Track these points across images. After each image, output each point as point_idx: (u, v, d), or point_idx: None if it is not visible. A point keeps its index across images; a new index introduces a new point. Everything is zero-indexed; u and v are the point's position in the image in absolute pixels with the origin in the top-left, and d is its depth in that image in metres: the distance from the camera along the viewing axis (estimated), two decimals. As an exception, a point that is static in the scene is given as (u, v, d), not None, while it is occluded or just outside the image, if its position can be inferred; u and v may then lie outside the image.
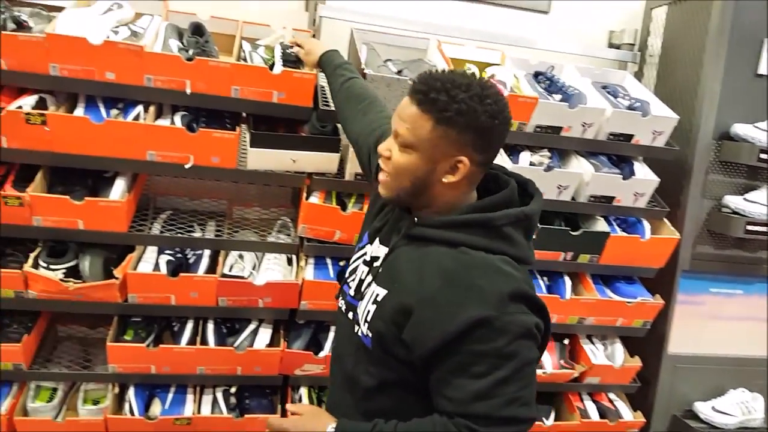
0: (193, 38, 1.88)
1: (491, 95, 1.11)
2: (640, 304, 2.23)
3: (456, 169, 1.13)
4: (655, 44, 2.44)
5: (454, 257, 1.13)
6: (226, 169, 1.89)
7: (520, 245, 1.18)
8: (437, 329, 1.08)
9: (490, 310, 1.06)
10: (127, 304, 1.93)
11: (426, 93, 1.11)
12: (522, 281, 1.13)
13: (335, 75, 1.70)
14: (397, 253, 1.23)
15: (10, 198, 1.77)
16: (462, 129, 1.09)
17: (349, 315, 1.30)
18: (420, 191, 1.17)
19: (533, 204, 1.22)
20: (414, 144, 1.13)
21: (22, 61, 1.69)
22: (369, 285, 1.26)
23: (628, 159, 2.23)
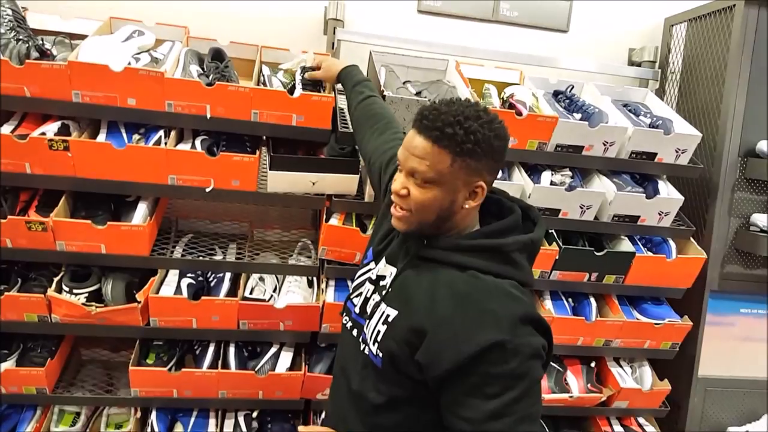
0: (213, 63, 1.86)
1: (495, 119, 1.16)
2: (668, 325, 2.13)
3: (475, 194, 1.17)
4: (676, 61, 2.37)
5: (466, 281, 1.15)
6: (246, 192, 1.85)
7: (525, 270, 1.22)
8: (452, 351, 1.09)
9: (504, 334, 1.07)
10: (149, 327, 1.89)
11: (441, 129, 1.12)
12: (529, 305, 1.16)
13: (354, 92, 1.70)
14: (407, 273, 1.23)
15: (33, 223, 1.75)
16: (480, 156, 1.13)
17: (354, 332, 1.31)
18: (443, 221, 1.19)
19: (538, 230, 1.25)
20: (435, 179, 1.14)
21: (46, 89, 1.68)
22: (377, 305, 1.25)
23: (651, 177, 2.14)
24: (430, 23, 2.29)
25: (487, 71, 2.20)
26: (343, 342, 1.40)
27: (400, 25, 2.24)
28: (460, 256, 1.17)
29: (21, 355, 1.90)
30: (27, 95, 1.68)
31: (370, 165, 1.54)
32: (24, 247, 1.78)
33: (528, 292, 1.20)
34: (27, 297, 1.80)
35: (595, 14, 2.39)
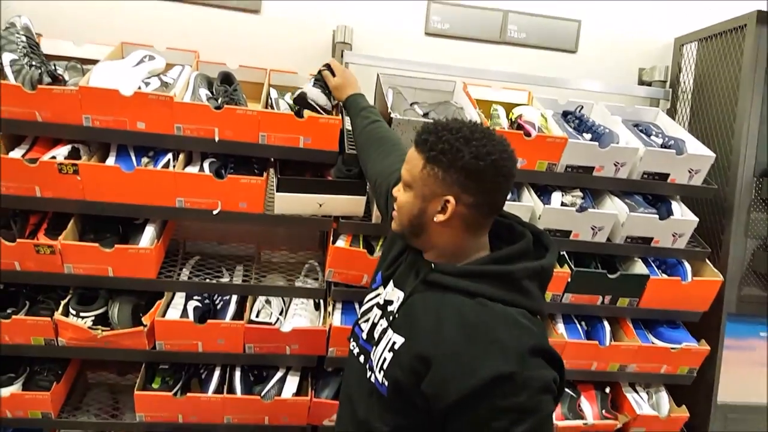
0: (222, 87, 1.85)
1: (479, 138, 1.11)
2: (684, 349, 2.04)
3: (445, 208, 1.13)
4: (687, 80, 2.31)
5: (473, 308, 1.10)
6: (253, 213, 1.81)
7: (535, 297, 1.16)
8: (459, 383, 1.04)
9: (512, 365, 1.02)
10: (155, 351, 1.85)
11: (420, 134, 1.16)
12: (539, 335, 1.11)
13: (360, 116, 1.68)
14: (414, 299, 1.19)
15: (42, 246, 1.73)
16: (446, 168, 1.11)
17: (361, 359, 1.26)
18: (418, 230, 1.18)
19: (549, 257, 1.21)
20: (410, 182, 1.17)
21: (57, 113, 1.67)
22: (384, 331, 1.21)
23: (664, 198, 2.07)
24: (438, 45, 2.26)
25: (495, 92, 2.15)
26: (349, 368, 1.35)
27: (408, 47, 2.22)
28: (468, 282, 1.13)
29: (27, 378, 1.86)
30: (39, 120, 1.68)
31: (376, 187, 1.51)
32: (32, 270, 1.76)
33: (539, 321, 1.15)
34: (34, 320, 1.77)
35: (603, 34, 2.35)
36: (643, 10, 2.37)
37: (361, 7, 2.20)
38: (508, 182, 1.15)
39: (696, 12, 2.31)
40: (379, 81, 2.04)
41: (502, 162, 1.11)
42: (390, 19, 2.22)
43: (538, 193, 1.98)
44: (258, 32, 2.17)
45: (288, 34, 2.18)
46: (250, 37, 2.16)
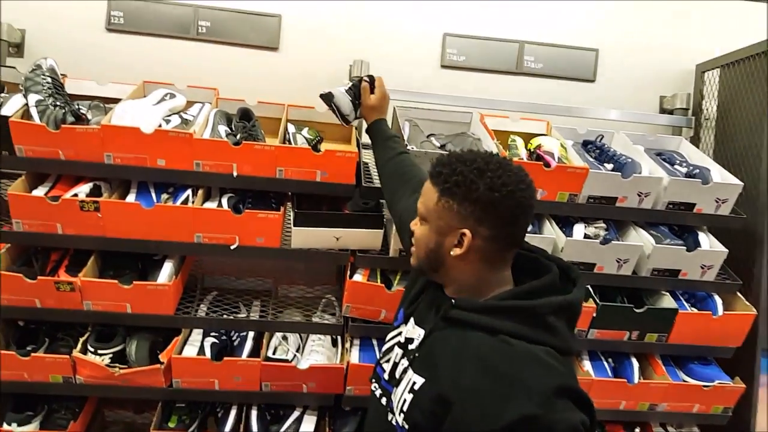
0: (241, 123, 1.83)
1: (494, 169, 1.07)
2: (717, 387, 1.91)
3: (461, 242, 1.09)
4: (710, 108, 2.23)
5: (495, 347, 1.04)
6: (270, 248, 1.77)
7: (563, 335, 1.08)
8: (481, 427, 0.97)
9: (536, 408, 0.94)
10: (172, 389, 1.80)
11: (435, 167, 1.13)
12: (566, 375, 1.04)
13: (386, 147, 1.63)
14: (435, 337, 1.14)
15: (62, 283, 1.71)
16: (461, 200, 1.07)
17: (383, 401, 1.19)
18: (435, 264, 1.14)
19: (577, 291, 1.13)
20: (425, 216, 1.14)
21: (79, 151, 1.67)
22: (405, 371, 1.16)
23: (691, 229, 1.97)
24: (454, 77, 2.23)
25: (513, 123, 2.10)
26: (372, 410, 1.29)
27: (424, 80, 2.19)
28: (490, 318, 1.06)
29: (45, 417, 1.83)
30: (61, 158, 1.67)
31: (401, 223, 1.45)
32: (52, 307, 1.74)
33: (567, 360, 1.06)
34: (53, 357, 1.75)
35: (622, 62, 2.30)
36: (663, 38, 2.32)
37: (377, 40, 2.19)
38: (527, 214, 1.09)
39: (717, 38, 2.24)
40: (396, 113, 2.01)
41: (520, 193, 1.06)
42: (406, 52, 2.21)
43: (559, 224, 1.91)
44: (276, 68, 2.17)
45: (305, 69, 2.17)
46: (269, 74, 2.17)
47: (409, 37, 2.21)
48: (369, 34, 2.19)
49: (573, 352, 1.11)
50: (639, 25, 2.30)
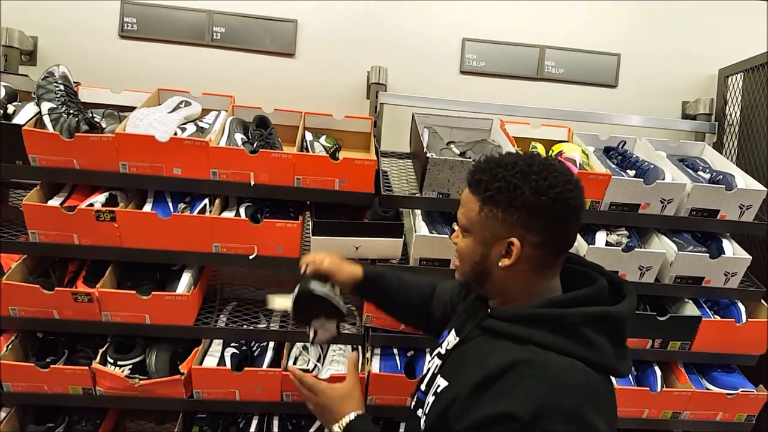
0: (258, 131, 1.73)
1: (538, 171, 0.96)
2: (741, 395, 1.81)
3: (510, 252, 0.98)
4: (733, 113, 2.11)
5: (517, 352, 0.93)
6: (289, 258, 1.68)
7: (602, 350, 0.94)
8: (470, 416, 0.90)
9: (523, 412, 0.85)
10: (192, 400, 1.71)
11: (473, 174, 1.02)
12: (589, 400, 0.88)
13: (383, 285, 1.36)
14: (468, 345, 1.05)
15: (80, 294, 1.62)
16: (506, 208, 0.96)
17: (418, 412, 1.10)
18: (482, 277, 1.03)
19: (623, 304, 0.99)
20: (468, 227, 1.03)
21: (94, 161, 1.58)
22: (435, 376, 1.08)
23: (714, 236, 1.87)
24: (473, 83, 2.12)
25: (534, 129, 1.99)
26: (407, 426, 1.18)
27: (443, 86, 2.08)
28: (520, 327, 0.96)
29: (66, 428, 1.75)
30: (76, 167, 1.58)
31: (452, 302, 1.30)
32: (70, 318, 1.65)
33: (604, 380, 0.92)
34: (72, 369, 1.66)
35: (644, 68, 2.17)
36: (685, 42, 2.19)
37: (395, 47, 2.07)
38: (577, 215, 0.97)
39: (740, 42, 2.11)
40: (415, 121, 1.90)
41: (568, 194, 0.94)
42: (425, 58, 2.09)
43: (581, 232, 1.81)
44: (293, 75, 2.06)
45: (322, 76, 2.06)
46: (285, 81, 2.06)
47: (428, 43, 2.09)
48: (387, 39, 2.07)
49: (618, 372, 0.96)
50: (661, 29, 2.18)
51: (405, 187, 1.85)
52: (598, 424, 0.86)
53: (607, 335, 0.96)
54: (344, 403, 1.07)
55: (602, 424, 0.87)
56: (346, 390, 1.09)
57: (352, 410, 1.07)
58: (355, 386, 1.10)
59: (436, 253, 1.72)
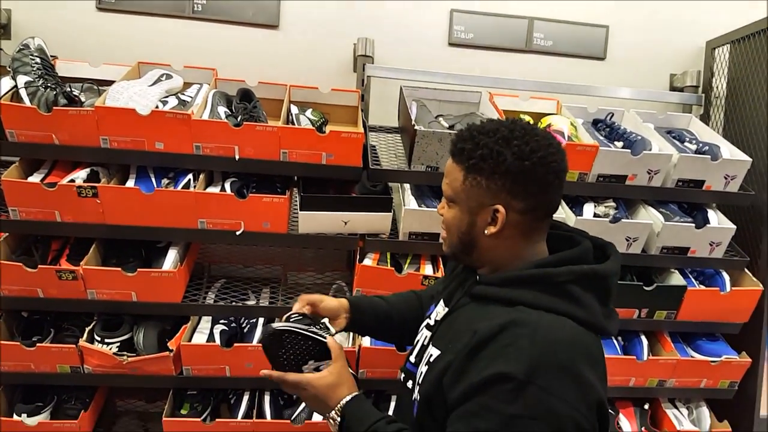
0: (242, 104, 1.65)
1: (520, 137, 0.93)
2: (724, 362, 1.81)
3: (495, 219, 0.95)
4: (720, 85, 2.06)
5: (508, 313, 0.91)
6: (277, 234, 1.62)
7: (591, 309, 0.93)
8: (466, 381, 0.88)
9: (518, 371, 0.83)
10: (182, 377, 1.66)
11: (456, 143, 0.99)
12: (581, 355, 0.87)
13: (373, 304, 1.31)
14: (458, 313, 1.03)
15: (64, 272, 1.55)
16: (489, 175, 0.94)
17: (408, 384, 1.09)
18: (469, 246, 1.00)
19: (608, 263, 0.98)
20: (453, 197, 1.00)
21: (74, 135, 1.50)
22: (426, 347, 1.06)
23: (700, 206, 1.84)
24: (462, 55, 2.04)
25: (523, 102, 1.93)
26: (398, 401, 1.17)
27: (431, 59, 2.00)
28: (509, 290, 0.94)
29: (55, 407, 1.68)
30: (56, 142, 1.50)
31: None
32: (55, 296, 1.58)
33: (593, 337, 0.91)
34: (59, 347, 1.60)
35: (633, 40, 2.11)
36: (673, 14, 2.12)
37: (382, 18, 1.98)
38: (561, 178, 0.94)
39: (727, 14, 2.05)
40: (403, 94, 1.83)
41: (551, 157, 0.93)
42: (412, 30, 2.00)
43: (569, 204, 1.76)
44: (277, 47, 1.96)
45: (308, 48, 1.97)
46: (269, 53, 1.96)
47: (415, 14, 2.00)
48: (373, 10, 1.97)
49: (606, 330, 0.94)
50: (650, 1, 2.10)
51: (393, 161, 1.78)
52: (590, 377, 0.85)
53: (595, 293, 0.95)
54: (336, 390, 1.02)
55: (594, 378, 0.86)
56: (334, 376, 1.03)
57: (345, 394, 1.01)
58: (342, 369, 1.04)
59: (425, 227, 1.67)
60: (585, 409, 0.84)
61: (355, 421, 0.99)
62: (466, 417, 0.87)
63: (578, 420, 0.83)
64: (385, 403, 1.79)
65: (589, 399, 0.85)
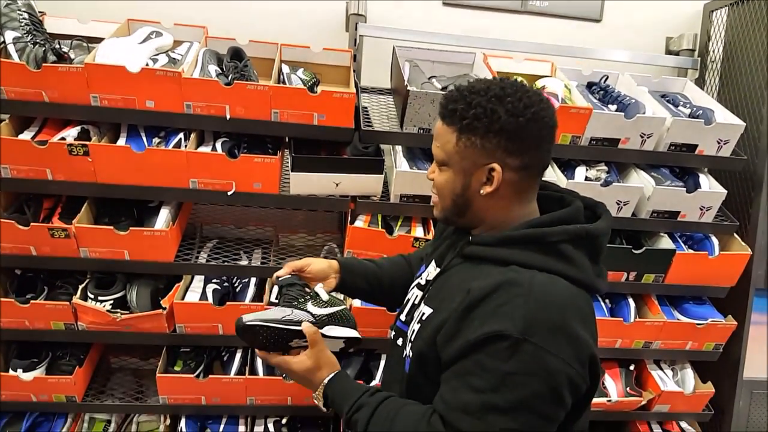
0: (232, 63, 1.62)
1: (512, 93, 0.92)
2: (710, 325, 1.82)
3: (491, 178, 0.95)
4: (716, 49, 2.03)
5: (501, 273, 0.92)
6: (268, 195, 1.61)
7: (583, 267, 0.95)
8: (461, 339, 0.89)
9: (513, 329, 0.84)
10: (175, 334, 1.68)
11: (446, 105, 0.97)
12: (574, 313, 0.88)
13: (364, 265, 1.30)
14: (450, 272, 1.03)
15: (56, 230, 1.55)
16: (484, 134, 0.93)
17: (399, 341, 1.11)
18: (463, 208, 1.00)
19: (599, 222, 0.99)
20: (446, 160, 0.98)
21: (64, 93, 1.48)
22: (418, 306, 1.07)
23: (691, 171, 1.83)
24: (456, 16, 1.99)
25: (517, 64, 1.90)
26: (388, 358, 1.19)
27: (425, 19, 1.96)
28: (502, 250, 0.95)
29: (50, 363, 1.70)
30: (46, 100, 1.48)
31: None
32: (48, 254, 1.58)
33: (585, 296, 0.93)
34: (53, 304, 1.61)
35: (629, 2, 2.06)
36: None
37: (375, -25, 1.93)
38: (553, 133, 0.95)
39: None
40: (396, 54, 1.80)
41: (543, 112, 0.93)
42: (406, -11, 1.95)
43: (561, 168, 1.76)
44: (268, 6, 1.92)
45: (299, 6, 1.92)
46: (260, 11, 1.92)
47: (409, -29, 1.95)
48: (366, -34, 1.92)
49: (597, 288, 0.95)
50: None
51: (386, 123, 1.77)
52: (583, 334, 0.86)
53: (586, 252, 0.96)
54: (315, 373, 1.04)
55: (586, 335, 0.87)
56: (312, 360, 1.04)
57: (326, 375, 1.03)
58: (320, 353, 1.04)
59: (417, 189, 1.66)
60: (578, 366, 0.86)
61: (339, 399, 1.00)
62: (462, 375, 0.88)
63: (572, 376, 0.85)
64: (375, 362, 1.81)
65: (582, 356, 0.87)
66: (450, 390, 0.90)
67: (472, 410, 0.85)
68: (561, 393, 0.85)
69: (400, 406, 0.95)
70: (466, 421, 0.85)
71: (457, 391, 0.88)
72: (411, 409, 0.94)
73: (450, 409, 0.88)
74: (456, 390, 0.88)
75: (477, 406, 0.85)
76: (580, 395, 0.89)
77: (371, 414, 0.95)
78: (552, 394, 0.84)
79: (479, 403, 0.85)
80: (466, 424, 0.85)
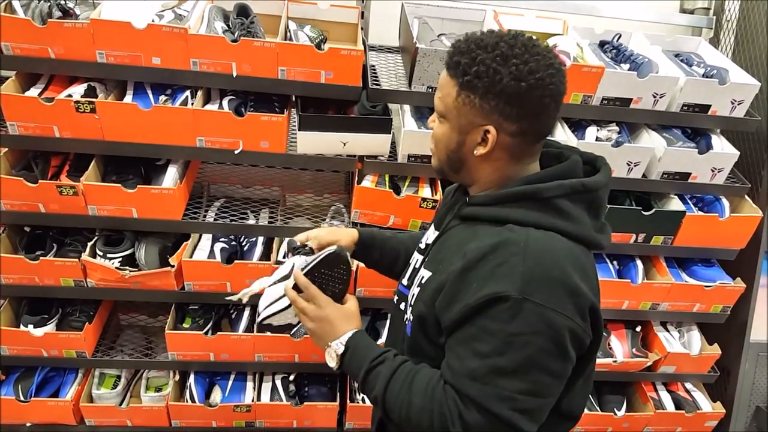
0: (239, 20, 1.62)
1: (519, 54, 0.88)
2: (719, 288, 1.84)
3: (486, 140, 0.93)
4: (732, 8, 1.99)
5: (497, 233, 0.92)
6: (275, 154, 1.63)
7: (581, 223, 0.94)
8: (460, 303, 0.89)
9: (512, 290, 0.85)
10: (184, 292, 1.72)
11: (452, 56, 0.93)
12: (572, 267, 0.88)
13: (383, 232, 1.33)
14: (448, 234, 1.04)
15: (64, 187, 1.58)
16: (483, 94, 0.90)
17: (401, 306, 1.11)
18: (457, 164, 0.99)
19: (598, 175, 0.97)
20: (444, 113, 0.96)
21: (69, 49, 1.48)
22: (418, 270, 1.07)
23: (704, 132, 1.82)
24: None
25: (528, 21, 1.88)
26: (391, 323, 1.20)
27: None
28: (497, 209, 0.94)
29: (60, 319, 1.76)
30: (52, 56, 1.49)
31: None
32: (56, 212, 1.61)
33: (584, 251, 0.93)
34: (62, 261, 1.65)
35: (644, -43, 2.03)
36: (687, -71, 2.03)
37: (384, -72, 1.90)
38: (557, 101, 0.91)
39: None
40: (404, 11, 1.79)
41: (549, 79, 0.88)
42: (415, -57, 1.93)
43: (572, 128, 1.76)
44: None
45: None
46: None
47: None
48: None
49: (598, 243, 0.95)
50: None
51: (394, 82, 1.76)
52: (582, 287, 0.87)
53: (585, 206, 0.95)
54: (347, 321, 1.04)
55: (585, 287, 0.88)
56: (350, 309, 1.06)
57: (353, 328, 1.04)
58: (357, 309, 1.08)
59: (425, 149, 1.67)
60: (580, 320, 0.87)
61: (362, 351, 1.00)
62: (467, 341, 0.89)
63: (575, 330, 0.87)
64: (382, 321, 1.85)
65: (584, 309, 0.88)
66: (455, 357, 0.90)
67: (480, 376, 0.86)
68: (566, 348, 0.87)
69: (417, 370, 0.96)
70: (474, 389, 0.87)
71: (463, 359, 0.89)
72: (426, 373, 0.95)
73: (458, 376, 0.89)
74: (461, 357, 0.89)
75: (484, 372, 0.86)
76: (584, 349, 0.91)
77: (393, 371, 0.96)
78: (557, 350, 0.86)
79: (486, 368, 0.86)
80: (474, 391, 0.87)
